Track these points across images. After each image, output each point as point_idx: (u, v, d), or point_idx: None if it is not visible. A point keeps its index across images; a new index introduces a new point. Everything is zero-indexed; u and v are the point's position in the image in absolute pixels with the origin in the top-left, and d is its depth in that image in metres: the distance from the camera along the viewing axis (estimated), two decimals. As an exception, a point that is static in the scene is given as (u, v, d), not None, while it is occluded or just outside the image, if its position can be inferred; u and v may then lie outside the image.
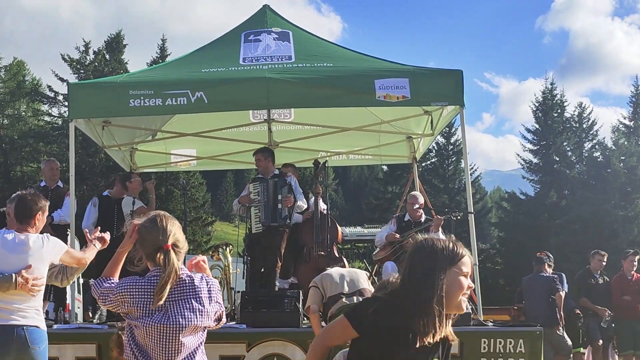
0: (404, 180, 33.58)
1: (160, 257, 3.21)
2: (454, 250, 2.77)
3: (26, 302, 4.71)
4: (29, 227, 4.86)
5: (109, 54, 37.47)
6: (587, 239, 28.71)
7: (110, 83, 7.95)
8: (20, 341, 4.65)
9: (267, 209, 8.31)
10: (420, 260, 2.76)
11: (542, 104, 37.20)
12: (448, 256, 2.75)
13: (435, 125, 9.34)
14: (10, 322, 4.65)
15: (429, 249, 2.77)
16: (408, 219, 8.70)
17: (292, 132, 10.63)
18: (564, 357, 9.35)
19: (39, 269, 4.75)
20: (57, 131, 35.65)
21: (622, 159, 33.80)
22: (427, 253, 2.76)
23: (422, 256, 2.77)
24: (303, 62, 8.14)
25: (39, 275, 4.74)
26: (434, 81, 7.73)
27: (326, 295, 6.14)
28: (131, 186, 8.83)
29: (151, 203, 9.04)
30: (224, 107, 7.98)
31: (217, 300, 3.30)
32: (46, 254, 4.81)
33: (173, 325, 3.12)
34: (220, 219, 51.68)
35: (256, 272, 8.40)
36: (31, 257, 4.74)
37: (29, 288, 4.66)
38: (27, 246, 4.76)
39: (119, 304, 3.20)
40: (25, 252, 4.74)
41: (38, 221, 4.93)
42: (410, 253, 2.83)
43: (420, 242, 2.83)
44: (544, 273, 9.66)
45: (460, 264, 2.76)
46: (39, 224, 4.94)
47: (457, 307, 2.77)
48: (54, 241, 4.89)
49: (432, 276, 2.69)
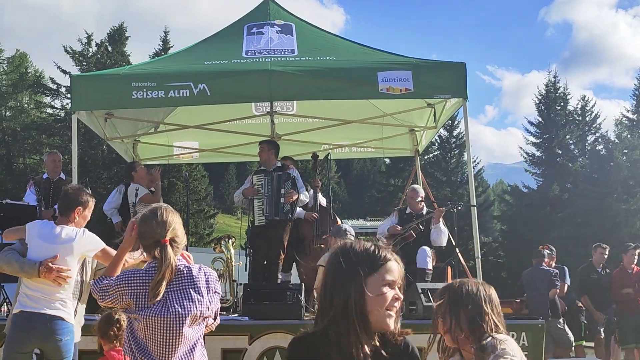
0: (406, 173, 33.59)
1: (156, 251, 3.21)
2: (376, 254, 2.28)
3: (53, 292, 4.77)
4: (68, 220, 4.92)
5: (111, 46, 37.44)
6: (589, 232, 28.68)
7: (113, 75, 7.93)
8: (43, 329, 4.73)
9: (270, 202, 8.30)
10: (333, 271, 2.28)
11: (545, 97, 37.15)
12: (367, 261, 2.26)
13: (438, 118, 9.33)
14: (34, 310, 4.74)
15: (343, 255, 2.28)
16: (410, 211, 8.70)
17: (294, 124, 10.63)
18: (565, 350, 9.36)
19: (66, 261, 4.79)
20: (59, 123, 35.66)
21: (624, 152, 33.76)
22: (342, 259, 2.26)
23: (336, 265, 2.27)
24: (306, 55, 8.13)
25: (66, 266, 4.78)
26: (437, 74, 7.71)
27: None
28: (137, 175, 8.87)
29: (157, 191, 9.05)
30: (227, 100, 7.98)
31: (215, 290, 3.31)
32: (77, 247, 4.84)
33: (172, 316, 3.11)
34: (223, 212, 51.69)
35: (258, 264, 8.39)
36: (61, 248, 4.80)
37: (54, 277, 4.72)
38: (59, 237, 4.83)
39: (117, 297, 3.20)
40: (57, 243, 4.81)
41: (79, 215, 4.96)
42: (326, 266, 2.36)
43: (336, 249, 2.35)
44: (543, 266, 9.67)
45: (383, 271, 2.25)
46: (79, 219, 4.97)
47: (381, 324, 2.25)
48: (89, 237, 4.92)
49: (345, 285, 2.22)
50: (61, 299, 4.82)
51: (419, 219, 8.43)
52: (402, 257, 7.32)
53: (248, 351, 6.33)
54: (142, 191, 8.64)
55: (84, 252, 4.90)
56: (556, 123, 36.39)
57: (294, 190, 8.35)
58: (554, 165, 35.96)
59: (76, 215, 4.95)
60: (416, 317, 6.75)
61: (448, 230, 8.51)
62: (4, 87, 39.05)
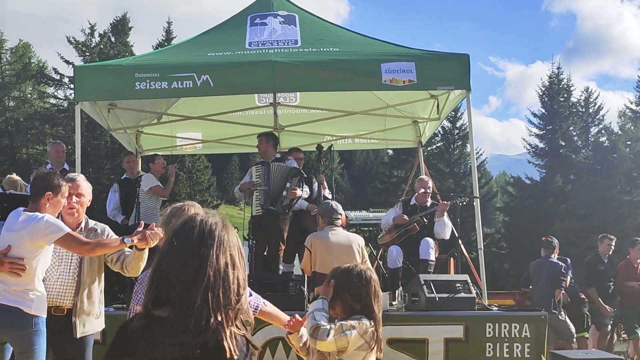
0: (409, 164, 33.54)
1: None
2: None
3: (13, 282, 4.49)
4: (38, 206, 4.63)
5: (114, 37, 37.34)
6: (592, 224, 28.63)
7: (116, 66, 7.95)
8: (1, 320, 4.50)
9: (267, 193, 8.34)
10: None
11: (548, 89, 37.00)
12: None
13: (442, 110, 9.32)
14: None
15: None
16: (414, 203, 8.69)
17: (297, 115, 10.63)
18: (566, 342, 9.37)
19: (22, 250, 4.52)
20: (62, 114, 35.62)
21: (628, 144, 33.64)
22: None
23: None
24: (309, 47, 8.12)
25: (19, 255, 4.51)
26: (441, 65, 7.71)
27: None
28: (154, 167, 9.19)
29: (168, 185, 9.24)
30: (230, 91, 7.99)
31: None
32: (33, 234, 4.51)
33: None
34: (226, 202, 51.70)
35: (259, 255, 8.44)
36: (17, 236, 4.53)
37: (7, 270, 4.46)
38: (16, 225, 4.56)
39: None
40: (13, 231, 4.56)
41: (49, 201, 4.66)
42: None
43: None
44: (552, 258, 9.66)
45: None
46: (49, 205, 4.66)
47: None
48: (47, 222, 4.54)
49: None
50: (23, 290, 4.52)
51: (423, 212, 8.43)
52: (405, 248, 7.35)
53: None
54: (155, 182, 8.94)
55: (41, 238, 4.51)
56: (559, 115, 36.26)
57: (299, 187, 8.40)
58: (557, 157, 35.86)
59: (46, 201, 4.64)
60: (419, 308, 6.76)
61: (451, 222, 8.51)
62: (7, 77, 38.96)
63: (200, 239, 2.07)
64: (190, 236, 2.09)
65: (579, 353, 7.47)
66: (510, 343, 6.48)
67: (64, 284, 4.84)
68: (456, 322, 6.52)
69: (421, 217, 8.40)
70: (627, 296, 9.71)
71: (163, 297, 2.02)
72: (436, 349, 6.43)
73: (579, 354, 7.16)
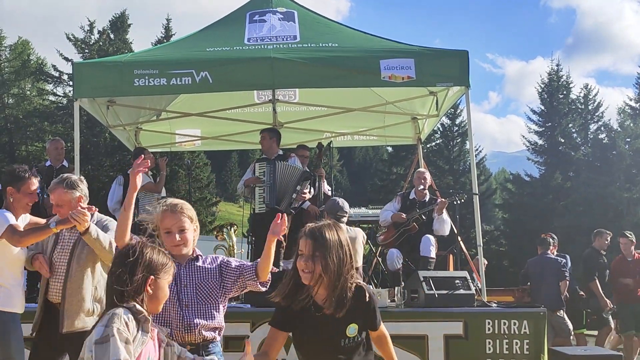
0: (408, 161, 33.56)
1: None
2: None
3: None
4: (6, 203, 4.61)
5: (113, 34, 37.38)
6: (591, 220, 28.63)
7: (115, 62, 7.92)
8: None
9: (272, 191, 8.31)
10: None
11: (547, 85, 37.02)
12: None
13: (441, 106, 9.31)
14: None
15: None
16: (413, 197, 8.69)
17: (296, 112, 10.62)
18: (564, 339, 9.37)
19: None
20: (61, 111, 35.64)
21: (627, 141, 33.67)
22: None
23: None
24: (308, 42, 8.10)
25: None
26: (440, 62, 7.69)
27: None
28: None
29: (160, 180, 9.08)
30: (229, 87, 7.97)
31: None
32: None
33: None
34: (225, 200, 51.74)
35: (260, 252, 8.40)
36: None
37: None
38: None
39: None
40: None
41: (12, 196, 4.62)
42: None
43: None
44: (549, 254, 9.65)
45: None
46: (13, 200, 4.62)
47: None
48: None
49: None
50: None
51: (422, 210, 8.42)
52: (406, 245, 7.33)
53: (250, 338, 6.34)
54: (145, 179, 8.60)
55: None
56: (559, 111, 36.29)
57: (308, 191, 8.39)
58: (556, 154, 35.89)
59: (10, 197, 4.60)
60: (418, 305, 6.76)
61: (450, 219, 8.51)
62: (7, 75, 38.95)
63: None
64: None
65: (578, 349, 7.48)
66: (510, 339, 6.48)
67: (56, 279, 4.81)
68: (456, 319, 6.51)
69: (420, 215, 8.40)
70: (621, 294, 9.68)
71: None
72: (436, 346, 6.42)
73: (578, 351, 7.17)
